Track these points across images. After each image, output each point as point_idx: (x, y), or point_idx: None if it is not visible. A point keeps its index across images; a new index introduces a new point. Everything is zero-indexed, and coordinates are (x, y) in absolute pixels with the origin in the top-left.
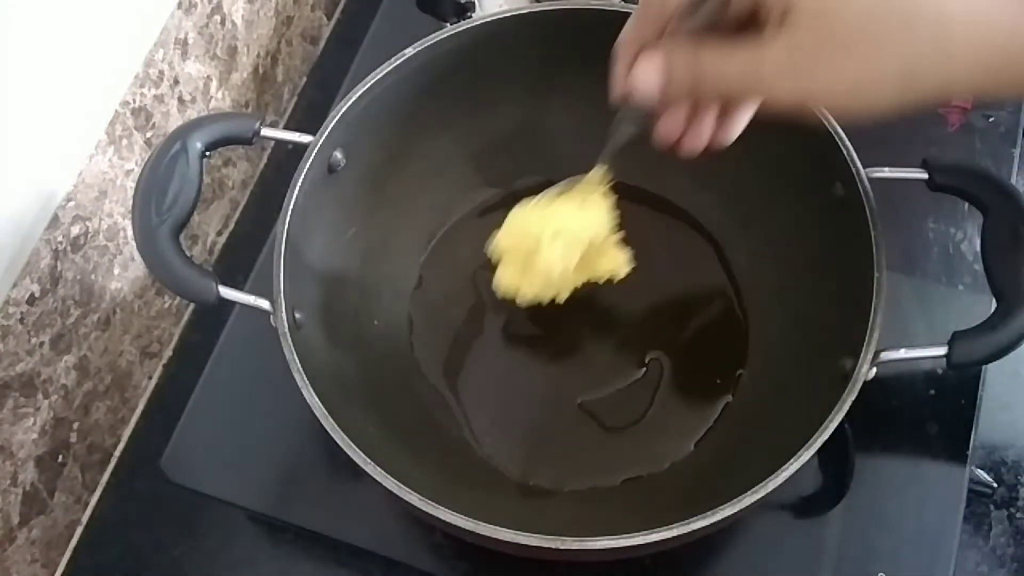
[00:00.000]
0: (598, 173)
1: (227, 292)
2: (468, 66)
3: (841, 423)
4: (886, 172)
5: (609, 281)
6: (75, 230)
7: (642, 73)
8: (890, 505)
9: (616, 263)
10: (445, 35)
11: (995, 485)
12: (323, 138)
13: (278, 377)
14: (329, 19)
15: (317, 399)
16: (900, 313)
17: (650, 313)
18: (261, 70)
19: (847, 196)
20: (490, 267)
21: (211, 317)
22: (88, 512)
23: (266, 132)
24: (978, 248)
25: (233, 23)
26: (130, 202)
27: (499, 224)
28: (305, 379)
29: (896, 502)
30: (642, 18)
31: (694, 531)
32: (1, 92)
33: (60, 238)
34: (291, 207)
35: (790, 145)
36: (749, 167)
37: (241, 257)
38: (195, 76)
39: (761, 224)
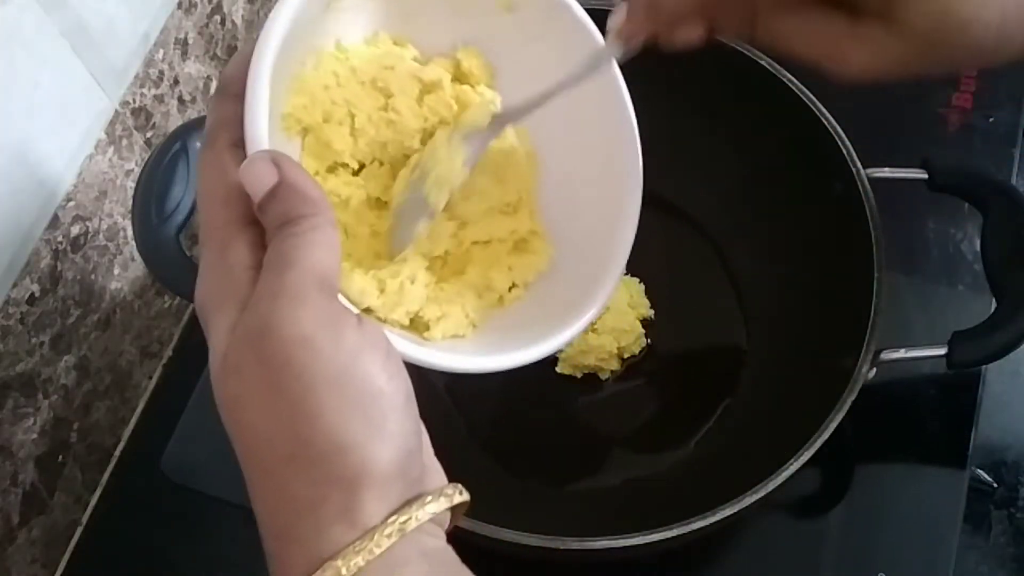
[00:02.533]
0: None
1: None
2: None
3: (841, 423)
4: (886, 172)
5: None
6: (75, 230)
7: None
8: (890, 505)
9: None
10: None
11: (995, 485)
12: None
13: None
14: None
15: None
16: (900, 313)
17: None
18: None
19: (847, 196)
20: None
21: None
22: (88, 512)
23: None
24: (978, 248)
25: (233, 23)
26: (130, 202)
27: None
28: None
29: (896, 502)
30: None
31: (694, 531)
32: (2, 92)
33: (60, 238)
34: None
35: (791, 145)
36: (750, 167)
37: None
38: (195, 76)
39: (761, 224)
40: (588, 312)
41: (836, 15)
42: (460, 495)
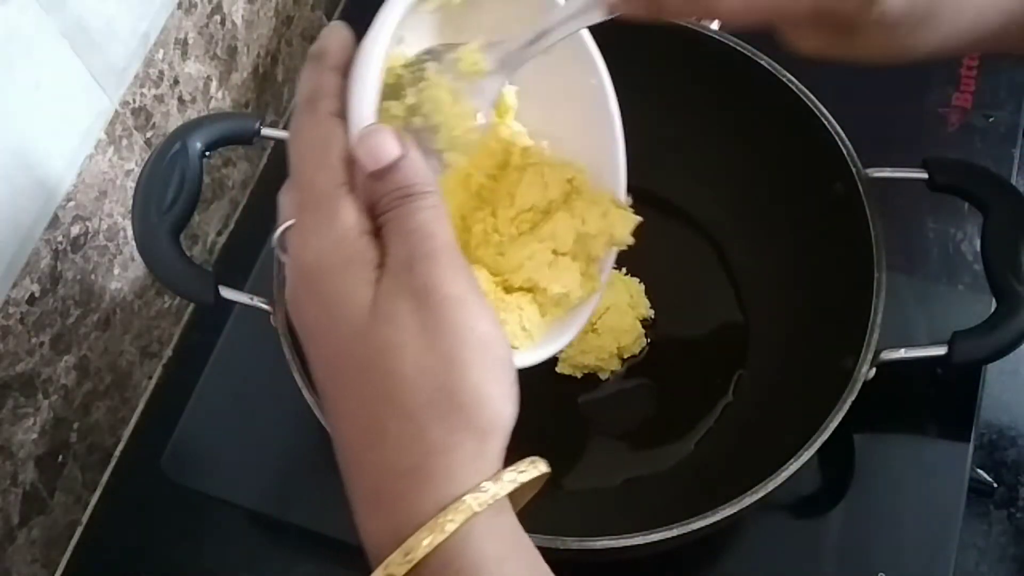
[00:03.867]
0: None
1: (227, 292)
2: None
3: (841, 423)
4: (886, 172)
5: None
6: (75, 230)
7: None
8: (890, 505)
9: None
10: None
11: (995, 485)
12: None
13: (278, 377)
14: (329, 19)
15: (316, 399)
16: (900, 313)
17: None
18: (261, 70)
19: (847, 196)
20: None
21: (211, 317)
22: (88, 512)
23: (266, 132)
24: (978, 248)
25: (233, 23)
26: (130, 202)
27: None
28: (305, 379)
29: (896, 502)
30: None
31: (694, 531)
32: (2, 92)
33: (60, 238)
34: None
35: (790, 145)
36: (749, 167)
37: (241, 257)
38: (195, 76)
39: (761, 224)
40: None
41: None
42: (547, 467)
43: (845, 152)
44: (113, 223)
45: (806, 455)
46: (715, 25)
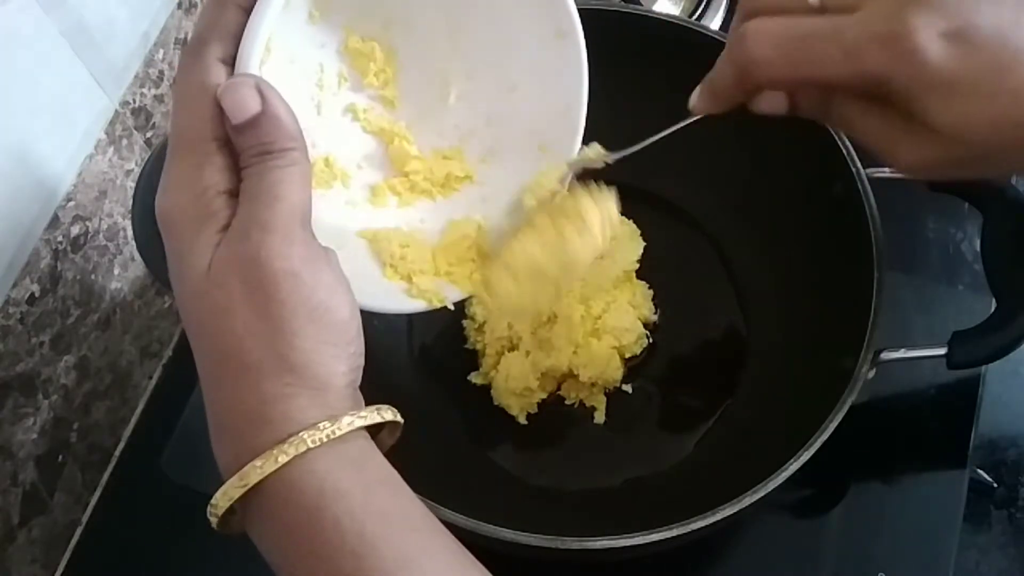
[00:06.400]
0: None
1: None
2: None
3: (841, 423)
4: (886, 172)
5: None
6: (75, 230)
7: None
8: (890, 505)
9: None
10: None
11: (995, 485)
12: None
13: None
14: None
15: None
16: (900, 313)
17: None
18: None
19: (847, 196)
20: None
21: None
22: (88, 512)
23: None
24: (978, 248)
25: None
26: (130, 202)
27: None
28: None
29: (896, 502)
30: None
31: (694, 531)
32: (2, 92)
33: (60, 238)
34: None
35: (791, 145)
36: (750, 167)
37: None
38: None
39: (761, 224)
40: None
41: (894, 113)
42: (398, 417)
43: (845, 152)
44: (113, 223)
45: (806, 455)
46: (715, 24)
